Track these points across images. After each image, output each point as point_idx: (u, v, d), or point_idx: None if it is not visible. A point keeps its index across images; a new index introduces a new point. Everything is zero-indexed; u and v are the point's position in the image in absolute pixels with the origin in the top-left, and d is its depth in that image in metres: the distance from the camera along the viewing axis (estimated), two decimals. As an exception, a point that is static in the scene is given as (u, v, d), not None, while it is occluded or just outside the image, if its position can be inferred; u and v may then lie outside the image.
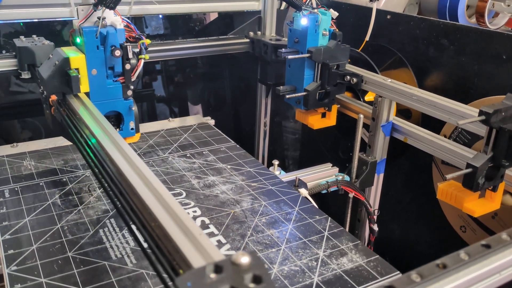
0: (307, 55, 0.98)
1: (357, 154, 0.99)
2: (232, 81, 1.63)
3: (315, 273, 0.66)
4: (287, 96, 1.02)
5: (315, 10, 0.98)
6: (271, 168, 0.97)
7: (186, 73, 1.66)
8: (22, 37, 0.98)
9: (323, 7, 1.00)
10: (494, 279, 0.45)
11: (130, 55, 0.78)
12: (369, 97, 1.10)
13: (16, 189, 0.83)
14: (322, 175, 0.98)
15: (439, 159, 1.01)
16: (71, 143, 1.00)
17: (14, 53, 0.97)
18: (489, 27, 1.33)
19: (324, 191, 0.93)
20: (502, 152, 0.69)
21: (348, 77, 0.99)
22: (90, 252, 0.68)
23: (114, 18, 0.77)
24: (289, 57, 1.00)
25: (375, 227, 1.00)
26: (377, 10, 1.15)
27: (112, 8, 0.75)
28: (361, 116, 0.97)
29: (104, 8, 0.75)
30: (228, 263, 0.33)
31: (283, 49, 1.02)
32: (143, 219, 0.46)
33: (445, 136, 0.99)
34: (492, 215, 0.93)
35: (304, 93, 1.01)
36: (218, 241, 0.72)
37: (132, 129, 0.83)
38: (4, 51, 1.25)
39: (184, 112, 1.69)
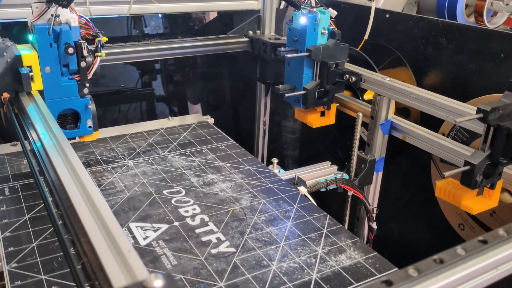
0: (306, 54, 0.98)
1: (356, 152, 1.00)
2: (232, 80, 1.64)
3: (313, 270, 0.66)
4: (286, 95, 1.03)
5: (314, 9, 0.98)
6: (270, 167, 0.98)
7: (186, 72, 1.66)
8: None
9: (322, 6, 1.00)
10: (491, 274, 0.45)
11: (85, 53, 0.77)
12: (368, 95, 1.10)
13: (16, 187, 0.83)
14: (321, 173, 0.98)
15: (437, 157, 1.02)
16: (71, 142, 1.01)
17: None
18: (487, 26, 1.33)
19: (323, 189, 0.93)
20: (499, 149, 0.70)
21: (347, 75, 0.99)
22: (90, 249, 0.68)
23: (70, 16, 0.76)
24: (288, 55, 1.00)
25: (374, 225, 1.00)
26: (376, 9, 1.15)
27: (65, 6, 0.75)
28: (360, 114, 0.98)
29: (57, 5, 0.74)
30: (139, 287, 0.32)
31: (282, 48, 1.02)
32: (73, 233, 0.43)
33: (443, 134, 0.99)
34: (490, 213, 0.93)
35: (303, 92, 1.01)
36: (218, 238, 0.72)
37: (90, 127, 0.83)
38: None
39: (184, 111, 1.70)
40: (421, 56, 1.08)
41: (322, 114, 1.08)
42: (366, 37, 1.14)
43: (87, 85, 0.81)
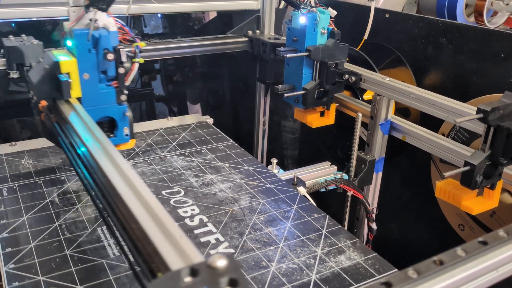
0: (306, 53, 0.98)
1: (355, 152, 0.99)
2: (231, 80, 1.63)
3: (313, 270, 0.66)
4: (286, 95, 1.02)
5: (314, 9, 0.98)
6: (269, 167, 0.97)
7: (185, 72, 1.66)
8: (11, 36, 0.98)
9: (322, 5, 1.00)
10: (491, 276, 0.45)
11: (124, 59, 0.74)
12: (368, 95, 1.10)
13: (14, 187, 0.83)
14: (321, 173, 0.98)
15: (437, 158, 1.01)
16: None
17: (3, 53, 0.97)
18: (487, 26, 1.33)
19: (322, 190, 0.93)
20: (499, 150, 0.69)
21: (347, 75, 0.99)
22: (87, 250, 0.68)
23: (107, 20, 0.73)
24: (288, 55, 1.00)
25: (374, 226, 1.00)
26: (376, 9, 1.15)
27: (104, 10, 0.73)
28: (360, 114, 0.97)
29: (96, 10, 0.72)
30: (204, 266, 0.33)
31: (282, 47, 1.02)
32: (124, 221, 0.44)
33: (443, 135, 0.99)
34: (491, 213, 0.93)
35: (303, 92, 1.01)
36: (216, 239, 0.72)
37: (126, 135, 0.80)
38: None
39: (183, 111, 1.69)
40: (421, 56, 1.07)
41: (322, 114, 1.07)
42: (365, 37, 1.14)
43: (126, 92, 0.77)
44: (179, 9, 1.27)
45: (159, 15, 1.64)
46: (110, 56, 0.73)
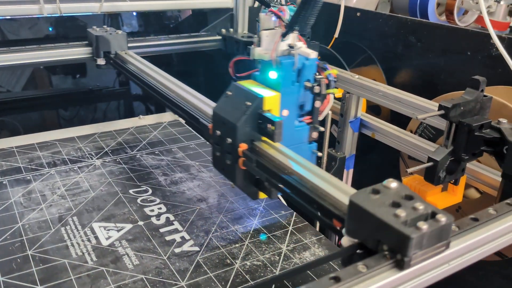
0: (276, 51, 0.98)
1: (326, 150, 0.99)
2: (207, 78, 1.63)
3: (277, 267, 0.66)
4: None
5: (283, 7, 0.98)
6: (240, 165, 0.97)
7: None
8: (94, 27, 1.06)
9: (293, 4, 1.00)
10: (443, 269, 0.46)
11: (324, 91, 0.64)
12: (339, 94, 1.10)
13: (-22, 187, 0.82)
14: (292, 171, 0.98)
15: (406, 154, 1.02)
16: (38, 142, 0.99)
17: (86, 42, 1.07)
18: (458, 24, 1.34)
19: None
20: (461, 146, 0.70)
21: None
22: (50, 250, 0.67)
23: (300, 45, 0.63)
24: (258, 53, 1.00)
25: (345, 223, 1.01)
26: (347, 8, 1.15)
27: (304, 34, 0.64)
28: (329, 112, 0.98)
29: (296, 33, 0.62)
30: (382, 187, 0.40)
31: (252, 46, 1.02)
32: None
33: (411, 131, 1.00)
34: (456, 209, 0.94)
35: (274, 90, 1.01)
36: (182, 237, 0.71)
37: None
38: None
39: (161, 109, 1.68)
40: (391, 54, 1.08)
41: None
42: (336, 35, 1.15)
43: (321, 129, 0.68)
44: (153, 7, 1.26)
45: (135, 13, 1.62)
46: (317, 89, 0.63)
